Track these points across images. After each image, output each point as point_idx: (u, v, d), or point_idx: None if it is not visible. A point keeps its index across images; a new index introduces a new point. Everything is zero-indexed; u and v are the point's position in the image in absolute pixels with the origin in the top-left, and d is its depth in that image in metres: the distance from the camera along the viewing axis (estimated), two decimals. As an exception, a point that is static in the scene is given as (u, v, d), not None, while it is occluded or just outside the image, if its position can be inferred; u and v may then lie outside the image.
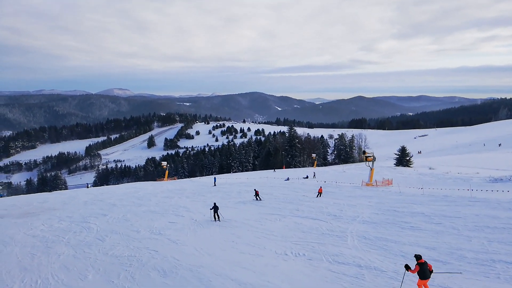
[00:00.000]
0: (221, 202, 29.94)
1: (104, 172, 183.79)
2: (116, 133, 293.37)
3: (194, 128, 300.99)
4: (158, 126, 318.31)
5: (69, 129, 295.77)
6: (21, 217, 29.26)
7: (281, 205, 26.94)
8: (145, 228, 21.10)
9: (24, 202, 41.38)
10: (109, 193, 46.75)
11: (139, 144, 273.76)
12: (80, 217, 26.96)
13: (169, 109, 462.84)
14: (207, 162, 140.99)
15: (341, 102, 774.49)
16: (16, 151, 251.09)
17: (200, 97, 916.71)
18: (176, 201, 32.70)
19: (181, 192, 39.56)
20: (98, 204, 35.05)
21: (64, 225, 24.10)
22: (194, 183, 54.32)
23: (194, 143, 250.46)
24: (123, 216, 26.25)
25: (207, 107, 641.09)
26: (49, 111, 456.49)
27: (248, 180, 50.11)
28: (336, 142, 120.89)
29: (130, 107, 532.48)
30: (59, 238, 20.00)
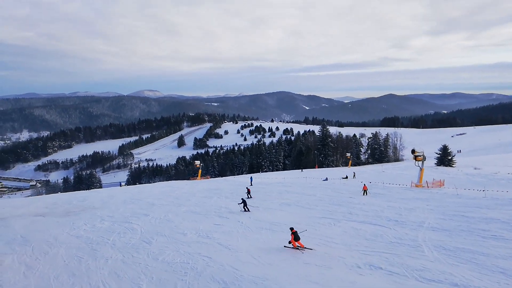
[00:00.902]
0: (263, 204, 28.53)
1: (136, 170, 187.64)
2: (147, 133, 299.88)
3: (222, 128, 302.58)
4: (187, 126, 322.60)
5: (103, 129, 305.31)
6: (63, 216, 29.06)
7: (330, 207, 25.10)
8: (191, 231, 19.93)
9: (65, 201, 41.73)
10: (146, 192, 46.49)
11: (170, 144, 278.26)
12: (121, 217, 26.30)
13: (198, 109, 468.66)
14: (237, 161, 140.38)
15: (371, 100, 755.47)
16: (54, 150, 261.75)
17: (228, 97, 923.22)
18: (216, 201, 31.54)
19: (218, 192, 38.47)
20: (137, 203, 34.54)
21: (106, 225, 23.42)
22: (229, 182, 53.24)
23: (222, 142, 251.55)
24: (165, 216, 25.32)
25: (234, 107, 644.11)
26: (83, 112, 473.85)
27: (285, 180, 48.42)
28: (370, 141, 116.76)
29: (160, 108, 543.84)
30: (104, 239, 19.18)
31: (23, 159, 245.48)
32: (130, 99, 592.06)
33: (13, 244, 19.62)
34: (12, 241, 20.54)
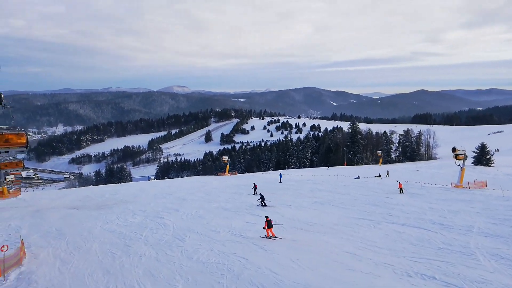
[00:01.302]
0: (294, 201, 27.69)
1: (165, 165, 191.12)
2: (176, 128, 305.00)
3: (249, 124, 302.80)
4: (214, 121, 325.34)
5: (133, 124, 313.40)
6: (96, 209, 29.44)
7: (367, 208, 23.90)
8: (223, 228, 19.41)
9: (97, 193, 42.59)
10: (176, 186, 46.69)
11: (197, 139, 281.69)
12: (153, 212, 26.25)
13: (225, 105, 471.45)
14: (264, 157, 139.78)
15: (401, 96, 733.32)
16: (87, 144, 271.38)
17: (254, 93, 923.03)
18: (246, 198, 30.99)
19: (248, 189, 37.91)
20: (167, 198, 34.59)
21: (138, 220, 23.36)
22: (258, 178, 52.63)
23: (249, 138, 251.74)
24: (196, 212, 25.00)
25: (261, 102, 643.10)
26: (115, 107, 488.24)
27: (315, 178, 47.28)
28: (401, 138, 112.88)
29: (188, 103, 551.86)
30: (137, 235, 19.00)
31: (58, 152, 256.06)
32: (159, 95, 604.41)
33: (48, 237, 19.83)
34: (47, 234, 20.80)
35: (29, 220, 25.58)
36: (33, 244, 18.36)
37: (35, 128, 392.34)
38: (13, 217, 27.13)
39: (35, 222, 24.67)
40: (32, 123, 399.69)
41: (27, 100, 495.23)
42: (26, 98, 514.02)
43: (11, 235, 21.10)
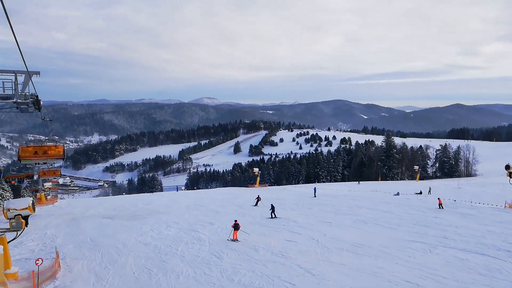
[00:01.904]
0: (334, 219, 26.06)
1: (195, 175, 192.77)
2: (205, 139, 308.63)
3: (278, 136, 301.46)
4: (243, 133, 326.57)
5: (165, 134, 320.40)
6: (129, 220, 29.10)
7: (416, 229, 21.94)
8: (262, 246, 18.19)
9: (131, 203, 42.65)
10: (207, 198, 46.07)
11: (226, 150, 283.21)
12: (186, 224, 25.47)
13: (253, 116, 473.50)
14: (293, 169, 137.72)
15: (435, 110, 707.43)
16: (120, 153, 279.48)
17: (283, 105, 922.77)
18: (282, 213, 29.61)
19: (282, 203, 36.56)
20: (200, 209, 33.87)
21: (173, 233, 22.61)
22: (290, 192, 51.20)
23: (278, 150, 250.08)
24: (230, 226, 23.95)
25: (289, 115, 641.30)
26: (148, 118, 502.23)
27: (351, 193, 45.19)
28: (438, 154, 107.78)
29: (217, 115, 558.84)
30: (172, 249, 18.15)
31: (93, 160, 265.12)
32: (190, 106, 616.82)
33: (83, 248, 19.40)
34: (82, 244, 20.42)
35: (65, 229, 25.50)
36: (68, 255, 17.93)
37: (72, 137, 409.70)
38: (49, 225, 27.22)
39: (70, 231, 24.52)
40: (70, 132, 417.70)
41: (65, 110, 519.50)
42: (64, 108, 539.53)
43: (47, 244, 20.89)
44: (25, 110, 14.47)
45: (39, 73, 13.76)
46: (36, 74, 13.65)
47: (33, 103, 13.62)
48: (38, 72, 13.70)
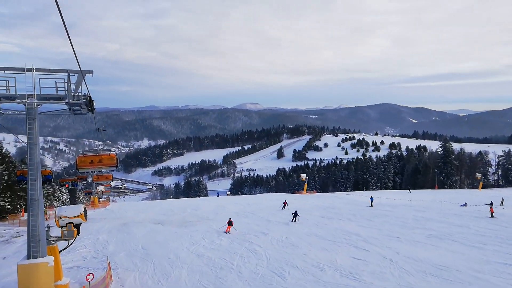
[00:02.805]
0: (402, 233, 23.22)
1: (238, 180, 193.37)
2: (249, 143, 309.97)
3: (322, 140, 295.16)
4: (286, 137, 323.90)
5: (209, 139, 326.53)
6: (179, 226, 28.24)
7: (506, 248, 18.66)
8: (328, 264, 16.12)
9: (179, 208, 42.24)
10: (255, 204, 44.57)
11: (269, 155, 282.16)
12: (238, 233, 23.98)
13: (296, 121, 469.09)
14: (340, 176, 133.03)
15: (492, 113, 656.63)
16: (168, 157, 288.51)
17: (326, 110, 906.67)
18: (339, 224, 27.23)
19: (337, 212, 34.06)
20: (250, 217, 32.37)
21: (225, 243, 21.19)
22: (343, 200, 48.29)
23: (322, 155, 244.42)
24: (286, 238, 22.09)
25: (333, 119, 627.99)
26: (193, 123, 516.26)
27: (413, 203, 41.41)
28: (501, 160, 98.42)
29: (260, 120, 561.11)
30: (227, 263, 16.64)
31: (143, 164, 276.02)
32: (233, 112, 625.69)
33: (135, 257, 18.50)
34: (134, 253, 19.58)
35: (116, 234, 25.07)
36: (119, 265, 17.06)
37: (123, 141, 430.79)
38: (101, 230, 27.03)
39: (121, 237, 23.99)
40: (121, 137, 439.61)
41: (117, 116, 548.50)
42: (117, 114, 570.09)
43: (99, 251, 20.32)
44: (78, 112, 13.70)
45: (92, 72, 12.86)
46: (89, 73, 12.75)
47: (85, 104, 12.76)
48: (91, 71, 12.81)
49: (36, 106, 12.12)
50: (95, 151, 28.67)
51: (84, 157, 26.37)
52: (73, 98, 12.44)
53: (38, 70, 12.24)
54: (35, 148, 11.91)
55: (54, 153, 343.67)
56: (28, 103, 11.95)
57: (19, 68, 12.07)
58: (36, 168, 11.83)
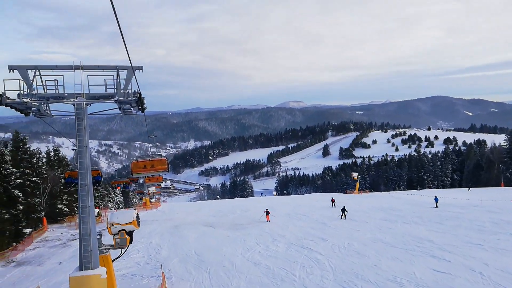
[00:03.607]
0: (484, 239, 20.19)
1: (284, 179, 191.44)
2: (293, 142, 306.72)
3: (370, 137, 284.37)
4: (332, 135, 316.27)
5: (253, 138, 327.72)
6: (231, 229, 27.21)
7: None
8: (404, 277, 13.99)
9: (229, 209, 41.46)
10: (306, 205, 42.62)
11: (314, 153, 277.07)
12: (294, 238, 22.36)
13: (341, 118, 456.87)
14: (392, 173, 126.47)
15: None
16: (213, 157, 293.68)
17: (373, 105, 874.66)
18: (406, 228, 24.59)
19: (399, 214, 31.19)
20: (303, 219, 30.60)
21: (282, 249, 19.66)
22: (401, 200, 44.80)
23: (370, 152, 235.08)
24: (349, 244, 20.07)
25: (381, 114, 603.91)
26: (237, 123, 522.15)
27: (484, 203, 37.12)
28: None
29: (304, 118, 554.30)
30: (288, 273, 15.09)
31: (190, 164, 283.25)
32: (276, 110, 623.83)
33: (188, 264, 17.55)
34: (187, 259, 18.67)
35: (168, 238, 24.51)
36: (173, 273, 16.14)
37: (171, 143, 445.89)
38: (153, 233, 26.70)
39: (174, 241, 23.34)
40: (170, 139, 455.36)
41: (165, 119, 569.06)
42: (165, 117, 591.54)
43: (152, 257, 19.69)
44: (128, 111, 12.83)
45: (141, 68, 11.88)
46: (139, 69, 11.77)
47: (136, 102, 11.78)
48: (140, 66, 11.83)
49: (85, 106, 11.32)
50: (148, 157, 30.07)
51: (138, 162, 27.92)
52: (122, 96, 11.50)
53: (87, 68, 11.43)
54: (85, 150, 11.10)
55: (108, 156, 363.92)
56: (77, 103, 11.18)
57: (67, 66, 11.35)
58: (86, 173, 11.02)
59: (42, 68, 11.01)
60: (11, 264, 19.90)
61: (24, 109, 11.02)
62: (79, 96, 11.19)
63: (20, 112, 11.24)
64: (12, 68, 10.64)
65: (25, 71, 10.79)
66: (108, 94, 11.66)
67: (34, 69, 10.86)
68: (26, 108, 10.94)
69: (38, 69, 10.92)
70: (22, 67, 10.79)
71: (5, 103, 9.99)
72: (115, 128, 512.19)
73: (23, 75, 10.74)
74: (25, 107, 10.75)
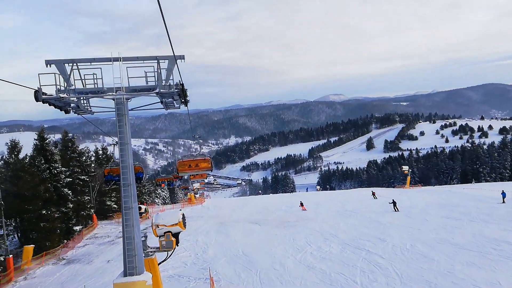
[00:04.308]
0: None
1: (326, 173, 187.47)
2: (334, 136, 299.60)
3: (417, 129, 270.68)
4: (376, 127, 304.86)
5: (294, 133, 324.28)
6: (278, 227, 26.00)
7: None
8: (487, 286, 11.96)
9: (274, 205, 40.31)
10: (355, 201, 40.32)
11: (358, 146, 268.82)
12: (347, 238, 20.67)
13: (385, 110, 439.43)
14: (444, 166, 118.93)
15: None
16: (254, 153, 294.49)
17: (419, 95, 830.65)
18: (474, 227, 21.92)
19: (463, 212, 28.21)
20: (354, 217, 28.67)
21: (336, 250, 18.10)
22: (460, 195, 41.12)
23: (418, 144, 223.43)
24: (411, 245, 18.06)
25: (427, 105, 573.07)
26: (277, 118, 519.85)
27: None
28: None
29: (345, 111, 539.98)
30: (347, 280, 13.57)
31: (232, 160, 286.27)
32: (316, 104, 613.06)
33: (237, 265, 16.58)
34: (235, 259, 17.72)
35: (215, 236, 23.82)
36: (222, 275, 15.22)
37: (213, 140, 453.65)
38: (199, 230, 26.18)
39: (220, 239, 22.59)
40: (211, 136, 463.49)
41: (207, 117, 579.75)
42: (206, 115, 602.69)
43: (199, 256, 18.99)
44: (170, 105, 11.93)
45: (183, 57, 10.78)
46: (181, 58, 10.69)
47: (178, 94, 10.77)
48: (182, 56, 10.75)
49: (126, 101, 10.50)
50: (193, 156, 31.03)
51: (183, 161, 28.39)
52: (164, 88, 10.55)
53: (126, 60, 10.59)
54: (127, 148, 10.27)
55: (154, 153, 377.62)
56: (116, 97, 10.39)
57: (105, 58, 10.57)
58: (129, 172, 10.21)
59: (80, 62, 10.30)
60: (62, 262, 20.12)
61: (63, 106, 10.40)
62: (119, 90, 10.38)
63: (60, 109, 10.65)
64: (49, 62, 10.01)
65: (62, 65, 10.13)
66: (149, 86, 10.76)
67: (71, 63, 10.18)
68: (65, 104, 10.30)
69: (75, 62, 10.23)
70: (59, 61, 10.15)
71: (42, 99, 9.36)
72: (160, 127, 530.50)
73: (60, 70, 10.09)
74: (63, 103, 10.10)
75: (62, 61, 10.26)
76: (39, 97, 9.28)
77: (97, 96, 10.42)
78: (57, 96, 9.41)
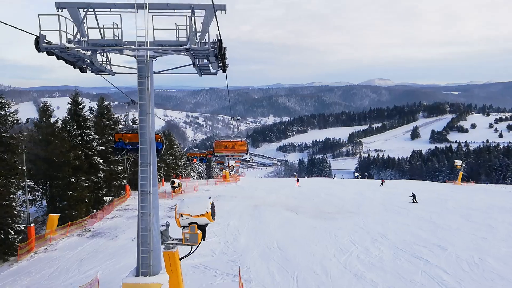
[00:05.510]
0: None
1: (365, 160, 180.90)
2: (377, 122, 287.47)
3: (468, 120, 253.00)
4: (423, 116, 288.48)
5: (334, 117, 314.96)
6: (317, 218, 23.63)
7: None
8: None
9: (312, 191, 37.83)
10: (402, 194, 36.74)
11: (402, 135, 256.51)
12: (400, 241, 17.88)
13: (434, 98, 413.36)
14: (498, 163, 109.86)
15: None
16: (292, 134, 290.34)
17: (472, 85, 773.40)
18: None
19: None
20: (404, 214, 25.60)
21: (387, 256, 15.50)
22: None
23: (468, 137, 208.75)
24: (480, 259, 15.07)
25: (481, 96, 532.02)
26: (318, 100, 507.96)
27: None
28: None
29: (390, 97, 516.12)
30: (406, 300, 11.02)
31: (268, 139, 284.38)
32: (360, 88, 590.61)
33: (271, 262, 14.52)
34: (269, 253, 15.67)
35: (248, 221, 21.95)
36: (253, 274, 13.21)
37: (251, 117, 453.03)
38: (232, 212, 24.47)
39: (253, 225, 20.67)
40: (250, 114, 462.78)
41: (247, 94, 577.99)
42: (246, 92, 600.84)
43: (229, 244, 17.16)
44: (205, 69, 9.63)
45: (225, 7, 8.35)
46: (222, 10, 8.28)
47: (214, 54, 8.41)
48: (224, 5, 8.33)
49: (150, 59, 8.34)
50: (230, 138, 31.31)
51: (220, 142, 29.45)
52: (197, 45, 8.23)
53: (153, 8, 8.35)
54: (148, 119, 8.17)
55: (194, 127, 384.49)
56: (139, 54, 8.26)
57: (128, 4, 8.40)
58: (149, 148, 8.16)
59: (97, 7, 8.19)
60: (87, 234, 19.15)
61: (75, 61, 8.44)
62: (142, 44, 8.22)
63: (72, 65, 8.73)
64: (60, 6, 7.98)
65: (76, 10, 8.07)
66: (179, 42, 8.53)
67: (86, 7, 8.09)
68: (76, 59, 8.32)
69: (91, 7, 8.13)
70: (72, 4, 8.11)
71: (43, 48, 7.40)
72: (201, 101, 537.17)
73: (73, 15, 8.09)
74: (73, 57, 8.13)
75: (76, 5, 8.20)
76: (40, 46, 7.37)
77: (113, 49, 8.33)
78: (62, 45, 7.42)
